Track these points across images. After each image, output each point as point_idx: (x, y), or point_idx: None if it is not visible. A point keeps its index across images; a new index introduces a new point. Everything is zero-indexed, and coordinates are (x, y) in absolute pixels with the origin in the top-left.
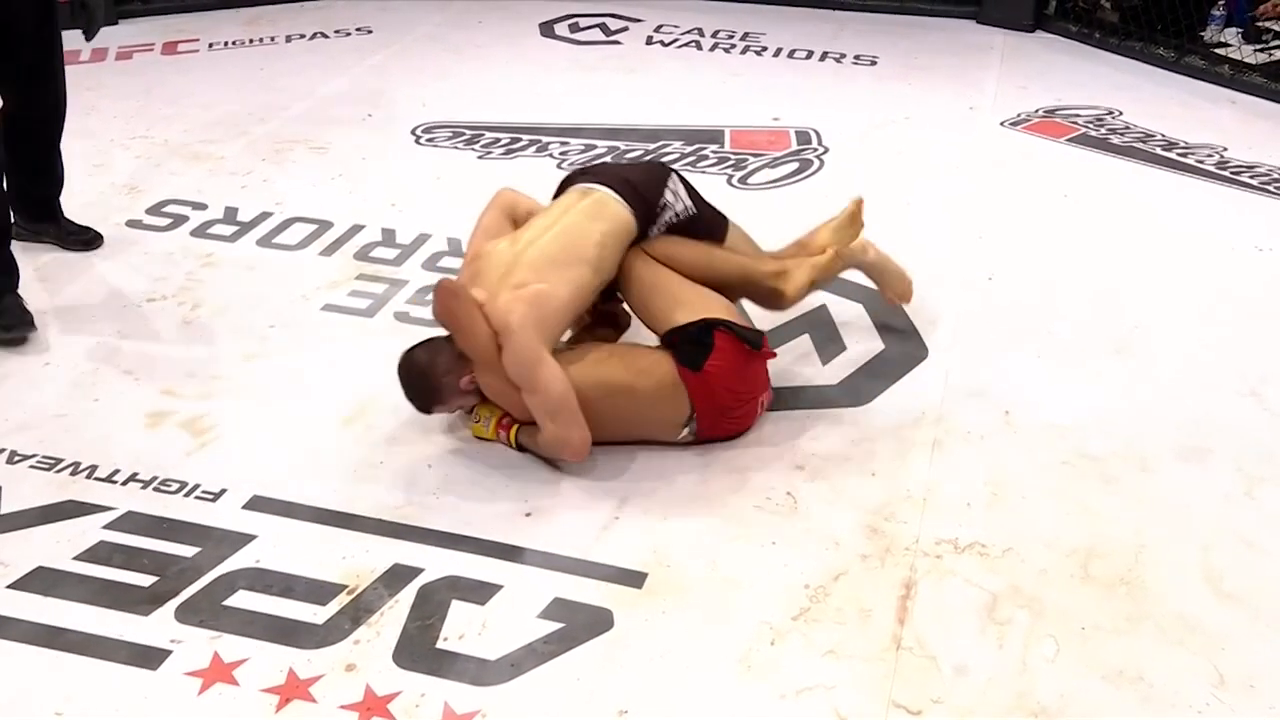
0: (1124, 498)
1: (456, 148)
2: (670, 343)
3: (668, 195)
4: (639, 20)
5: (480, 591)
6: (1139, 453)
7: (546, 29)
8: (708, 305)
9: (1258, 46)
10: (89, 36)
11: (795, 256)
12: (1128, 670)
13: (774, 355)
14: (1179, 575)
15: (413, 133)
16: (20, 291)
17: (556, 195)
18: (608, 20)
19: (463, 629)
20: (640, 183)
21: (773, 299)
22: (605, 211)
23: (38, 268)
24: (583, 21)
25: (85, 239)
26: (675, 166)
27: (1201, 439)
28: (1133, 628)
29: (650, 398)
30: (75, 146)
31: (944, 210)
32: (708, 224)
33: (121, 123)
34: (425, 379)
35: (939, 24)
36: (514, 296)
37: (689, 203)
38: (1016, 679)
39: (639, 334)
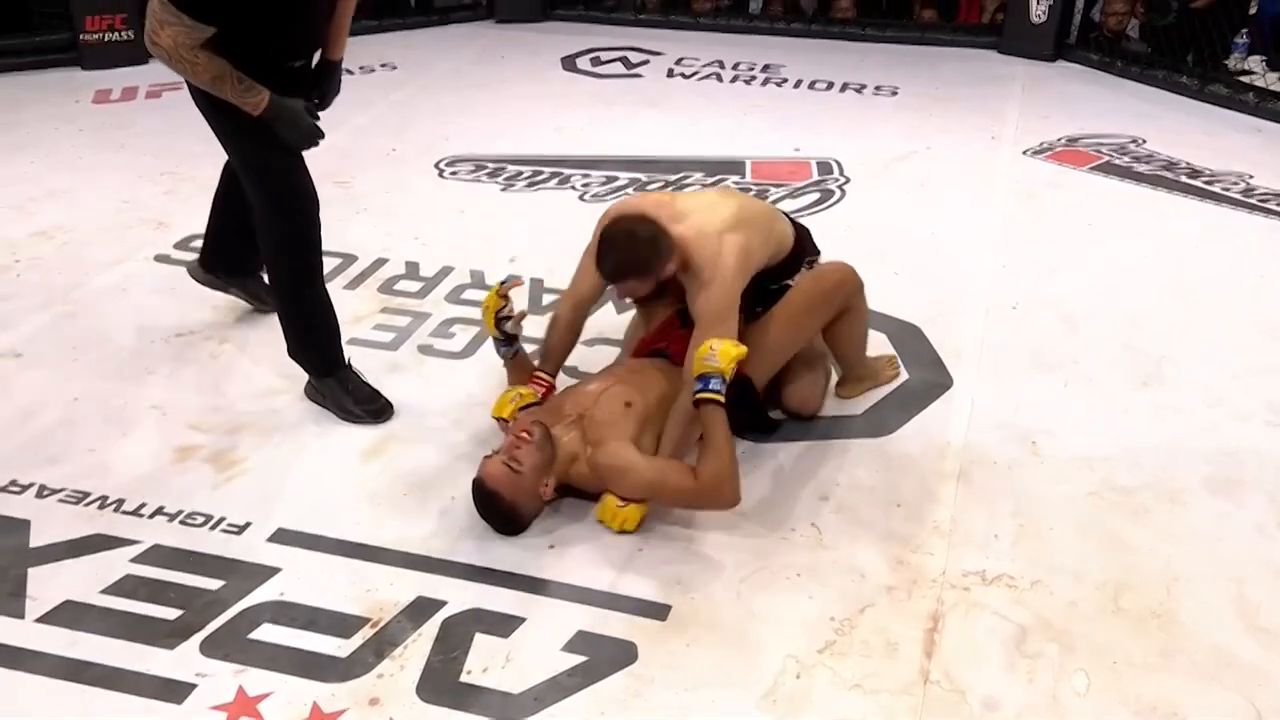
0: (1154, 530)
1: (480, 181)
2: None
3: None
4: (660, 54)
5: (504, 624)
6: (1169, 484)
7: (568, 63)
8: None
9: None
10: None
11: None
12: (1161, 706)
13: None
14: (1212, 609)
15: (436, 166)
16: (51, 328)
17: None
18: (629, 54)
19: (486, 662)
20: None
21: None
22: (779, 219)
23: (67, 303)
24: (604, 55)
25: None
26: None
27: (1232, 470)
28: (1166, 662)
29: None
30: (106, 181)
31: (967, 240)
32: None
33: (150, 159)
34: (497, 499)
35: (959, 54)
36: (732, 243)
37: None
38: (1047, 714)
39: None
